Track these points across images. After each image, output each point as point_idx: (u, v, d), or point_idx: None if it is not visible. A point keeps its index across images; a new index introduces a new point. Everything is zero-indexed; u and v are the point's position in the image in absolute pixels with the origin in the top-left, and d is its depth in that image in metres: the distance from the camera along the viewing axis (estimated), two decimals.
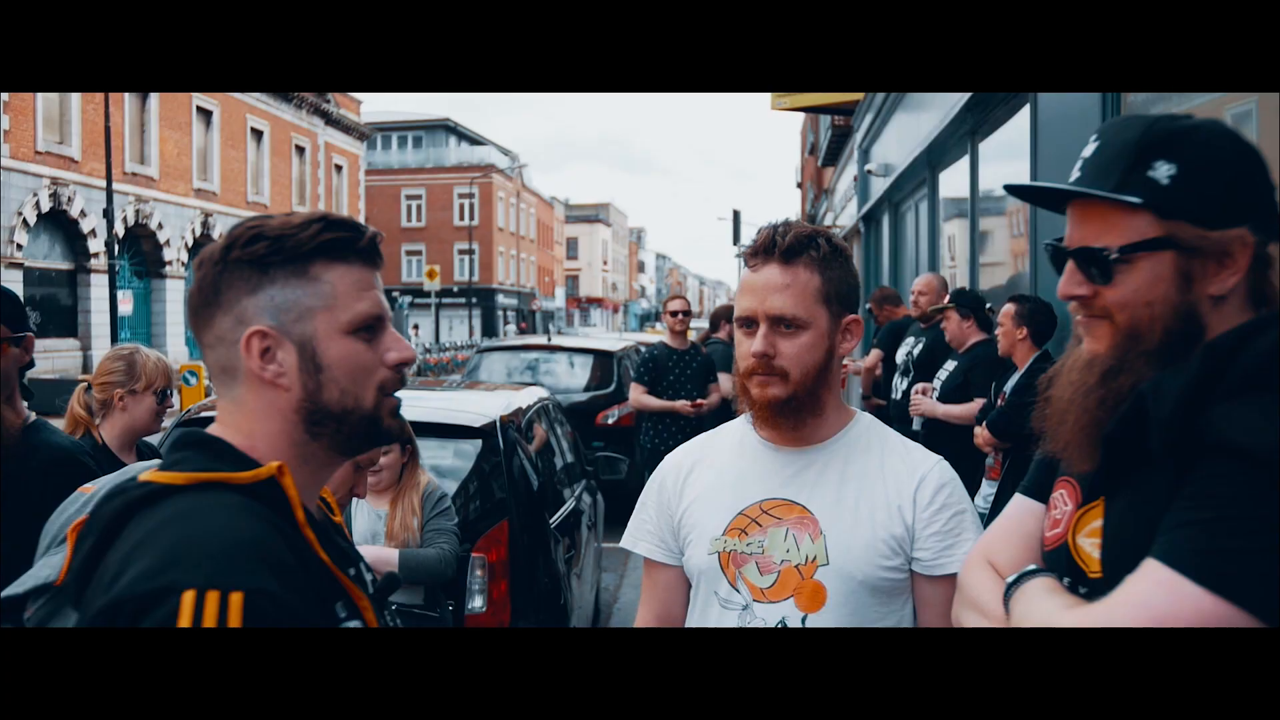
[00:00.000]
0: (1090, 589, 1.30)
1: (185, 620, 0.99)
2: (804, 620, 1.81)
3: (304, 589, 1.11)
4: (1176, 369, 1.24)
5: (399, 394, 1.32)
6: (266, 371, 1.22)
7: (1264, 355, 1.18)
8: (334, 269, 1.24)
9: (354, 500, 3.53)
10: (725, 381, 7.19)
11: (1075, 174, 1.36)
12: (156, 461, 1.37)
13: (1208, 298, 1.28)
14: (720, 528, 1.90)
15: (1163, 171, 1.26)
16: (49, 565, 2.10)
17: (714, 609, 1.89)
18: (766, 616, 1.82)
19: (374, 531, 3.54)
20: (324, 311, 1.23)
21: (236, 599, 1.01)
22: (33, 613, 1.36)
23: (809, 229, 1.87)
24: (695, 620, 1.95)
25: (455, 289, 52.87)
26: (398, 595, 3.41)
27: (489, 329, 54.70)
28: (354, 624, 1.19)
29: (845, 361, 6.79)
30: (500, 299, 58.43)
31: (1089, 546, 1.34)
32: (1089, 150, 1.36)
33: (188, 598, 1.00)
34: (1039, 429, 1.46)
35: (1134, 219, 1.28)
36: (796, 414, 1.86)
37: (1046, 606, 1.29)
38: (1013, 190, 1.49)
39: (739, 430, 2.02)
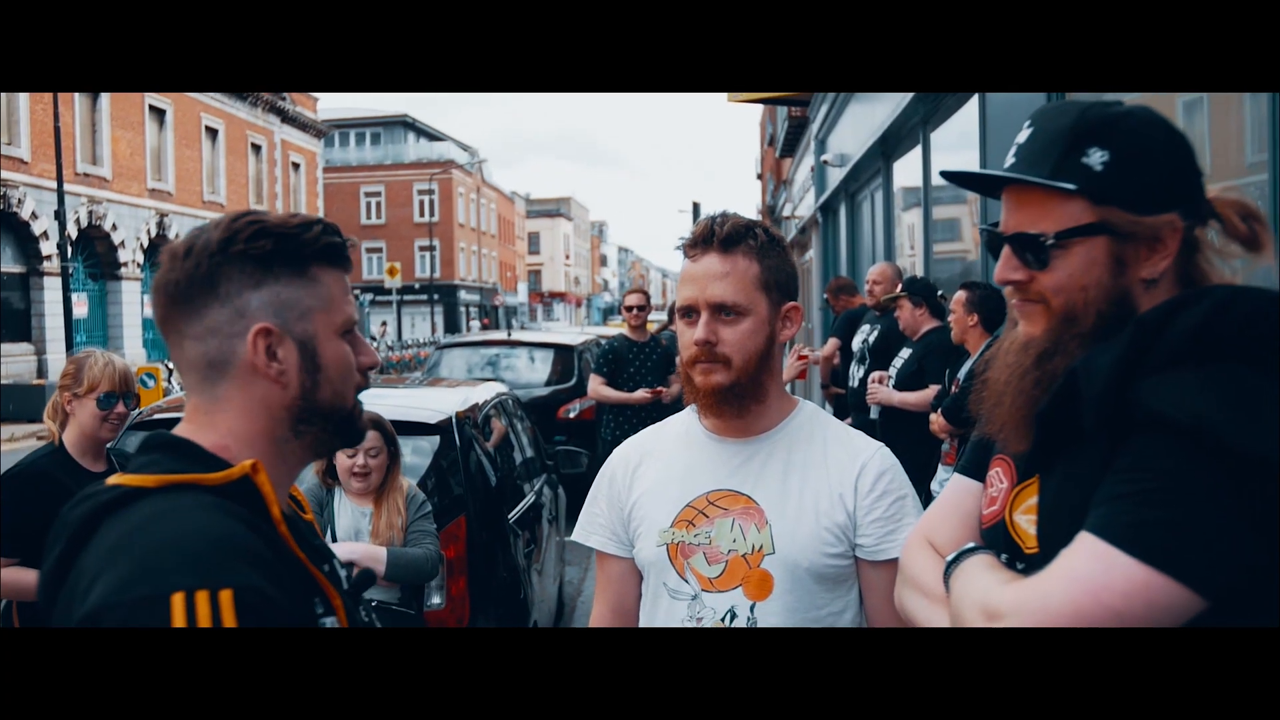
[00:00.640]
0: (1027, 564, 1.32)
1: (179, 623, 0.99)
2: (752, 609, 1.83)
3: (285, 585, 1.10)
4: (1106, 345, 1.26)
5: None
6: (271, 368, 1.22)
7: (1190, 329, 1.19)
8: (329, 273, 1.27)
9: (338, 497, 3.60)
10: None
11: (1010, 160, 1.37)
12: None
13: (1139, 281, 1.30)
14: (668, 519, 1.92)
15: (1096, 158, 1.28)
16: None
17: (664, 599, 1.91)
18: (715, 605, 1.85)
19: (357, 529, 3.58)
20: (322, 312, 1.26)
21: (227, 596, 1.01)
22: None
23: (745, 220, 1.90)
24: (646, 610, 1.97)
25: (417, 285, 52.56)
26: (375, 592, 3.42)
27: (451, 325, 54.43)
28: (330, 620, 1.19)
29: (805, 352, 6.81)
30: (463, 295, 58.15)
31: (1025, 523, 1.36)
32: (1022, 136, 1.37)
33: (178, 600, 0.99)
34: (976, 411, 1.49)
35: (1068, 205, 1.30)
36: (740, 401, 1.87)
37: (983, 582, 1.31)
38: (948, 176, 1.51)
39: (685, 422, 2.04)
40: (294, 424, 1.26)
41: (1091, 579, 1.12)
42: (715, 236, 1.85)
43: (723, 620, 1.84)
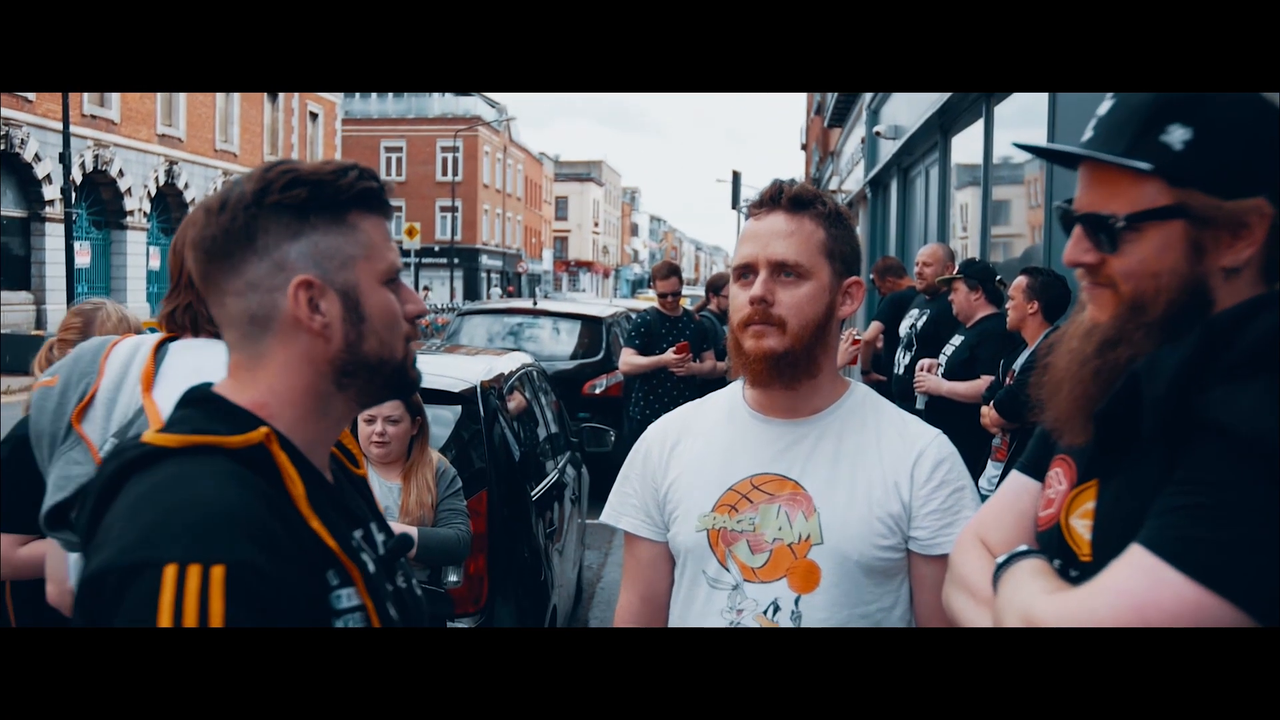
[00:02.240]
0: (1081, 572, 1.31)
1: (167, 594, 1.03)
2: (797, 601, 1.82)
3: (292, 558, 1.13)
4: (1173, 346, 1.24)
5: None
6: (315, 321, 1.25)
7: (1264, 336, 1.17)
8: (368, 219, 1.30)
9: (368, 473, 3.56)
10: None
11: (1088, 134, 1.35)
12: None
13: (1219, 270, 1.26)
14: (709, 504, 1.90)
15: (1176, 136, 1.25)
16: (73, 461, 2.16)
17: (702, 589, 1.90)
18: (758, 597, 1.84)
19: (385, 506, 3.56)
20: (364, 261, 1.28)
21: (219, 572, 1.04)
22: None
23: (815, 189, 1.90)
24: (681, 600, 1.95)
25: (436, 248, 52.58)
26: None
27: (471, 291, 54.50)
28: (345, 592, 1.21)
29: (856, 336, 6.74)
30: (484, 260, 58.17)
31: (1081, 528, 1.35)
32: (1104, 108, 1.35)
33: (170, 571, 1.04)
34: (1036, 400, 1.47)
35: (1144, 185, 1.27)
36: (792, 372, 1.85)
37: (1029, 590, 1.31)
38: (1025, 148, 1.49)
39: (728, 400, 2.02)
40: (338, 377, 1.28)
41: (1139, 595, 1.12)
42: (784, 195, 1.86)
43: (764, 613, 1.83)
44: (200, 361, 2.34)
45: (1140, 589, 1.12)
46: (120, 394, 2.16)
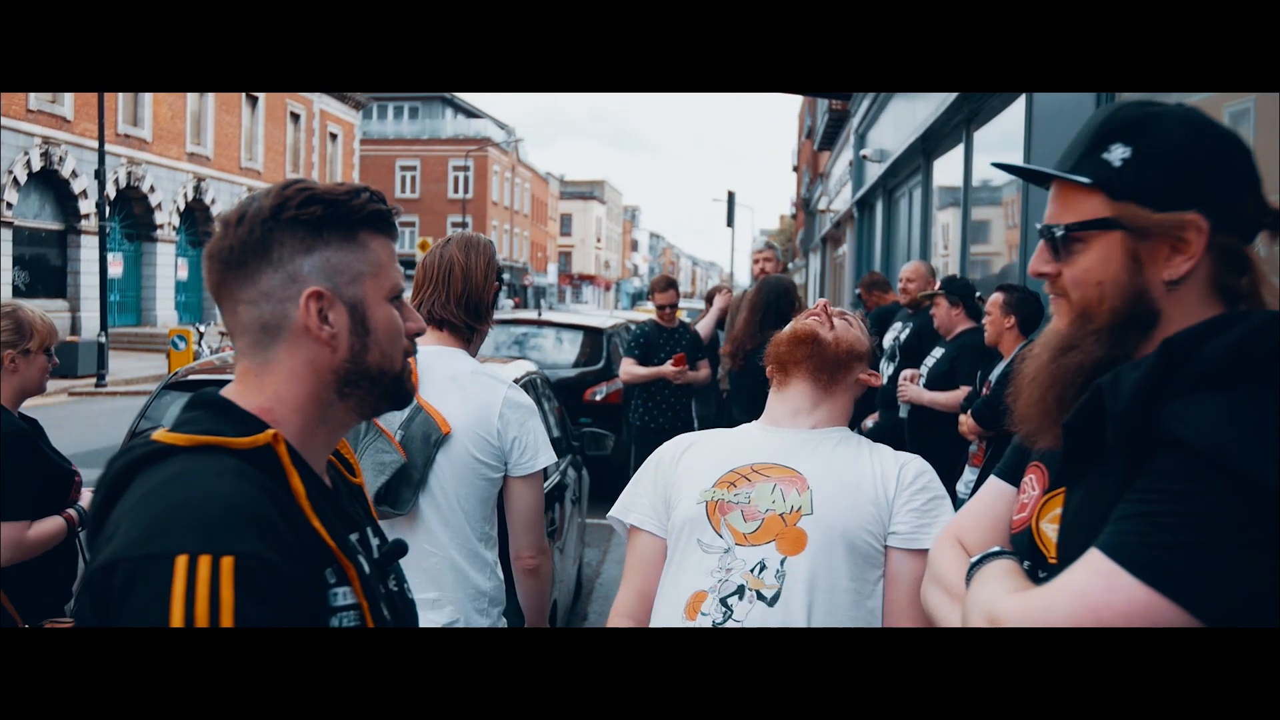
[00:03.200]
0: (1049, 573, 1.32)
1: (179, 584, 1.02)
2: (782, 563, 1.87)
3: (294, 554, 1.13)
4: (1135, 362, 1.25)
5: None
6: (323, 331, 1.25)
7: (1222, 353, 1.18)
8: (377, 239, 1.31)
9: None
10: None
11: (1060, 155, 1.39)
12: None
13: (1161, 282, 1.28)
14: (710, 482, 2.00)
15: (1116, 154, 1.29)
16: (381, 450, 2.52)
17: (695, 554, 1.95)
18: (746, 558, 1.90)
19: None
20: (372, 277, 1.29)
21: (228, 563, 1.03)
22: None
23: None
24: (674, 568, 2.00)
25: None
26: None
27: None
28: (342, 590, 1.21)
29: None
30: None
31: (1050, 532, 1.36)
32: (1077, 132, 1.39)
33: (180, 562, 1.03)
34: (1009, 404, 1.49)
35: (1088, 199, 1.31)
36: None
37: (994, 589, 1.32)
38: (998, 166, 1.52)
39: (743, 427, 2.18)
40: (340, 386, 1.28)
41: (1094, 596, 1.12)
42: None
43: (751, 571, 1.89)
44: (452, 368, 2.66)
45: (1095, 591, 1.13)
46: None
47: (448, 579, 2.52)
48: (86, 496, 3.05)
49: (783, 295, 6.17)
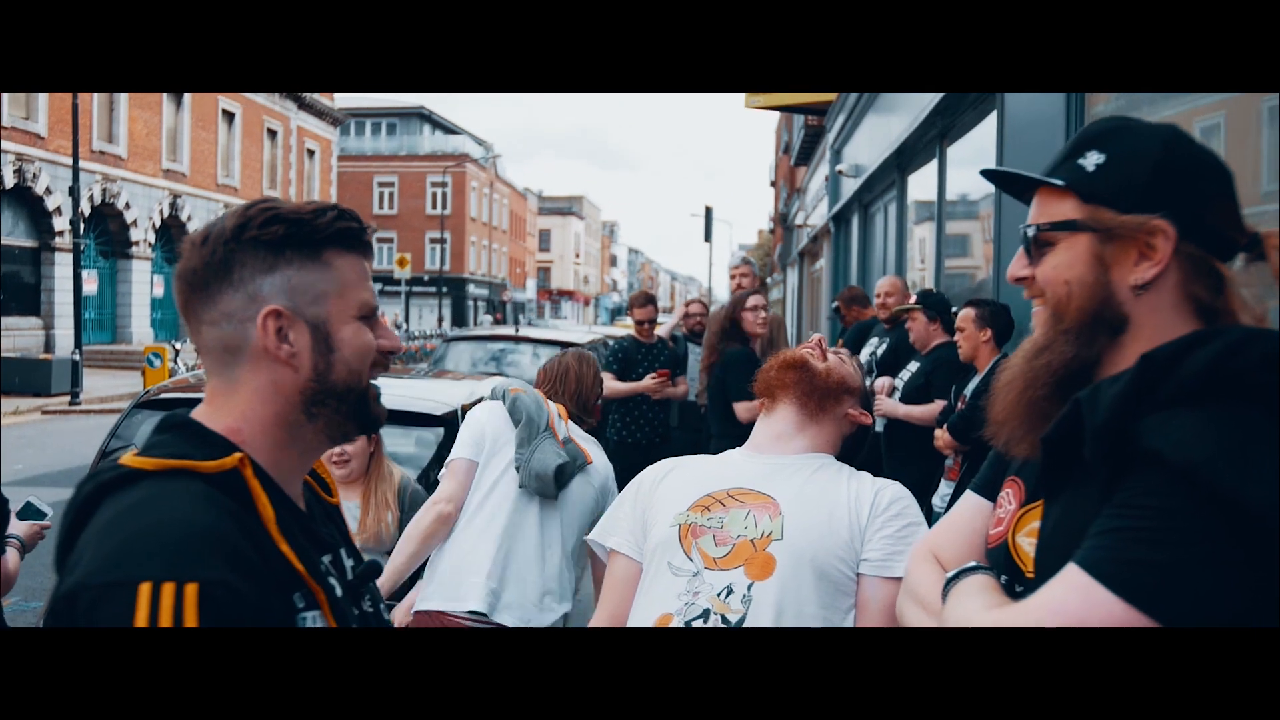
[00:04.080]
0: (1025, 588, 1.32)
1: (142, 611, 1.01)
2: (750, 588, 1.85)
3: (261, 579, 1.11)
4: (1114, 377, 1.25)
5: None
6: (281, 350, 1.24)
7: (1200, 368, 1.18)
8: (344, 257, 1.29)
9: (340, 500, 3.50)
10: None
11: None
12: None
13: (1128, 286, 1.30)
14: (685, 505, 2.00)
15: (1091, 159, 1.33)
16: (551, 450, 3.27)
17: (664, 577, 1.93)
18: (714, 582, 1.88)
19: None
20: (336, 297, 1.27)
21: (192, 590, 1.02)
22: None
23: None
24: (643, 590, 1.99)
25: (426, 278, 52.56)
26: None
27: (459, 319, 54.44)
28: (311, 614, 1.19)
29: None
30: (471, 289, 58.14)
31: (1027, 546, 1.36)
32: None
33: (144, 589, 1.02)
34: (986, 414, 1.49)
35: (1062, 202, 1.35)
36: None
37: (972, 604, 1.32)
38: (985, 173, 1.52)
39: (726, 453, 2.18)
40: (307, 406, 1.27)
41: (1070, 612, 1.12)
42: None
43: (718, 595, 1.87)
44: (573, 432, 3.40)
45: (1073, 606, 1.13)
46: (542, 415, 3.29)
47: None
48: (18, 525, 3.00)
49: (735, 305, 6.11)
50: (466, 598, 3.02)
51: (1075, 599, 1.12)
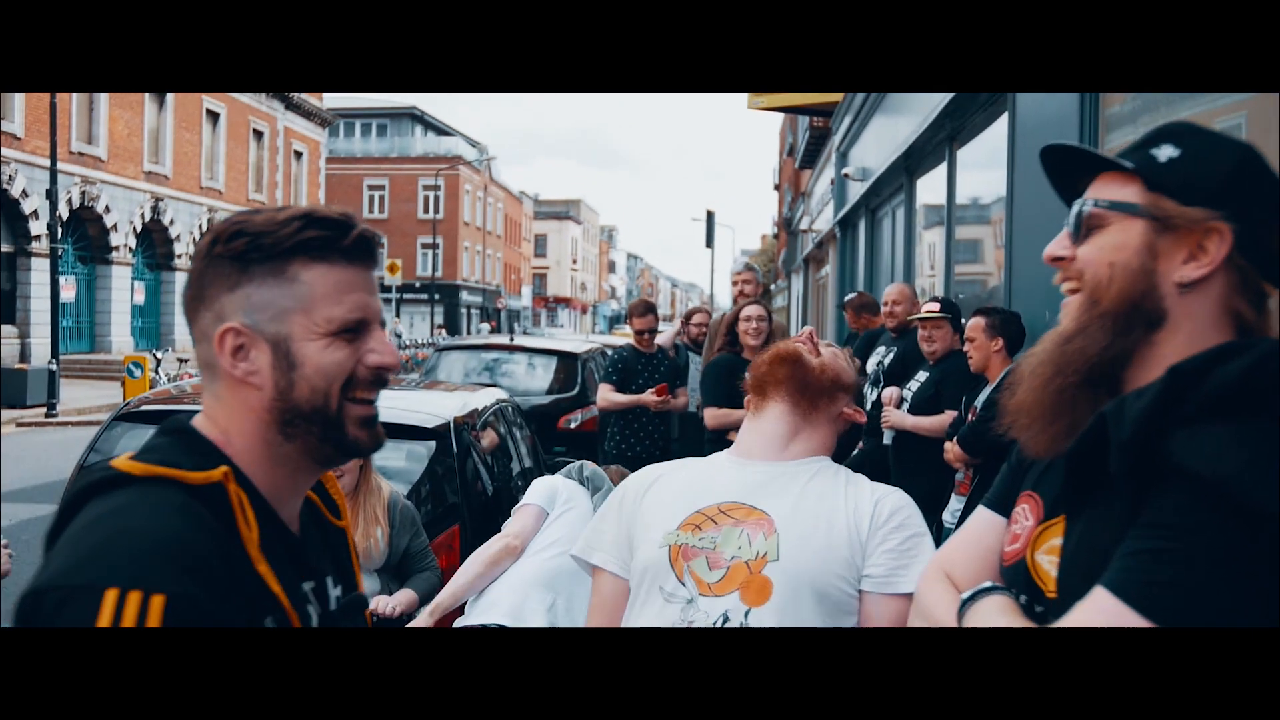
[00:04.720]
0: (1046, 608, 1.31)
1: (105, 618, 1.01)
2: (746, 615, 1.82)
3: (229, 598, 1.11)
4: (1139, 390, 1.24)
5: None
6: (237, 369, 1.23)
7: (1230, 381, 1.17)
8: (313, 269, 1.24)
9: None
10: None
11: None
12: None
13: (1172, 282, 1.30)
14: (674, 523, 1.93)
15: (1164, 151, 1.33)
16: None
17: (655, 603, 1.89)
18: (710, 609, 1.84)
19: None
20: (299, 313, 1.23)
21: (158, 601, 1.03)
22: None
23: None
24: (634, 617, 1.94)
25: (418, 284, 52.56)
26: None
27: (452, 327, 54.40)
28: None
29: None
30: (465, 296, 58.14)
31: (1047, 564, 1.35)
32: None
33: (110, 596, 1.02)
34: (1004, 410, 1.47)
35: (1125, 186, 1.34)
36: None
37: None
38: (1046, 152, 1.49)
39: (711, 456, 2.12)
40: (280, 427, 1.25)
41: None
42: None
43: (714, 624, 1.83)
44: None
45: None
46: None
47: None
48: None
49: (736, 316, 6.18)
50: (528, 618, 3.07)
51: (1106, 624, 1.11)
